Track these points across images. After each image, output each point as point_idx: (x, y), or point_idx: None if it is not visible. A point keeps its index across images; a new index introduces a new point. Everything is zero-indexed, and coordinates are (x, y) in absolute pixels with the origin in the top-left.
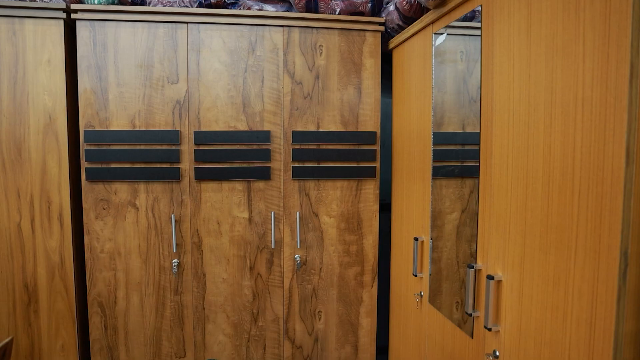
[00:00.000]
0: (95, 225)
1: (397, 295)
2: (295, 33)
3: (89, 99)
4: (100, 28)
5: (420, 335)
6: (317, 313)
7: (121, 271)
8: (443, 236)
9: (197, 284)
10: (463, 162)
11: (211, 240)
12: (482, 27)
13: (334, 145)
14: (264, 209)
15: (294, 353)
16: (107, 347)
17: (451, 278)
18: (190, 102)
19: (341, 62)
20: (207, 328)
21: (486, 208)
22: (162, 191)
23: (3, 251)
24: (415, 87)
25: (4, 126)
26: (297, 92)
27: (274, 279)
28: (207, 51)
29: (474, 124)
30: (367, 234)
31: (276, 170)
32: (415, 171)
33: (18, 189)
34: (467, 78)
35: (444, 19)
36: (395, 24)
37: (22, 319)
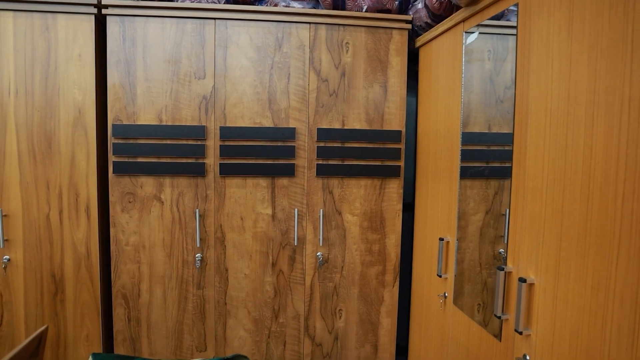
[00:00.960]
0: (121, 218)
1: (418, 295)
2: (322, 30)
3: (118, 93)
4: (130, 23)
5: (444, 336)
6: (337, 311)
7: (145, 264)
8: (466, 237)
9: (219, 278)
10: (488, 162)
11: (234, 235)
12: (518, 26)
13: (359, 143)
14: (288, 205)
15: (313, 350)
16: (129, 338)
17: (473, 280)
18: (216, 97)
19: (367, 60)
20: (228, 323)
21: (518, 210)
22: (187, 186)
23: (32, 241)
24: (442, 86)
25: (36, 119)
26: (323, 90)
27: (295, 276)
28: (234, 47)
29: (499, 124)
30: (390, 233)
31: (300, 168)
32: (441, 171)
33: (47, 181)
34: (494, 77)
35: (476, 17)
36: (423, 22)
37: (49, 308)
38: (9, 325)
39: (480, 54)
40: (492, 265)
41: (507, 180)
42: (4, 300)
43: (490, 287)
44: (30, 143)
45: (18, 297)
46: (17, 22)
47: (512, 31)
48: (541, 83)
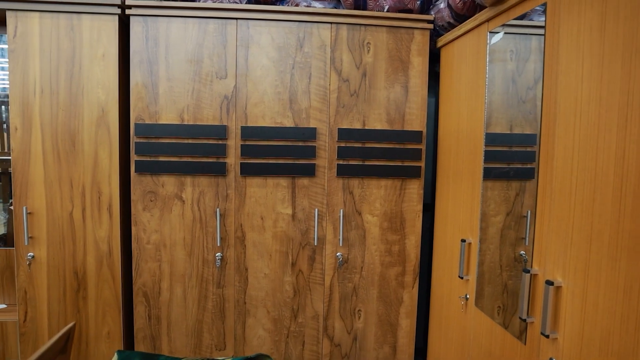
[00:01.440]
0: (142, 217)
1: (438, 296)
2: (344, 30)
3: (140, 92)
4: (153, 23)
5: (465, 338)
6: (356, 312)
7: (166, 262)
8: (487, 239)
9: (239, 278)
10: (510, 164)
11: (254, 235)
12: (546, 26)
13: (379, 143)
14: (308, 205)
15: (332, 351)
16: (150, 336)
17: (494, 282)
18: (237, 97)
19: (388, 60)
20: (248, 322)
21: (545, 211)
22: (207, 185)
23: (56, 239)
24: (465, 87)
25: (60, 118)
26: (344, 90)
27: (315, 276)
28: (256, 47)
29: (522, 125)
30: (410, 234)
31: (321, 168)
32: (463, 172)
33: (71, 179)
34: (518, 78)
35: (502, 16)
36: (445, 22)
37: (71, 305)
38: (33, 321)
39: (505, 54)
40: (512, 267)
41: (528, 181)
42: (28, 296)
43: (511, 289)
44: (54, 142)
45: (41, 293)
46: (43, 22)
47: (538, 31)
48: (570, 83)
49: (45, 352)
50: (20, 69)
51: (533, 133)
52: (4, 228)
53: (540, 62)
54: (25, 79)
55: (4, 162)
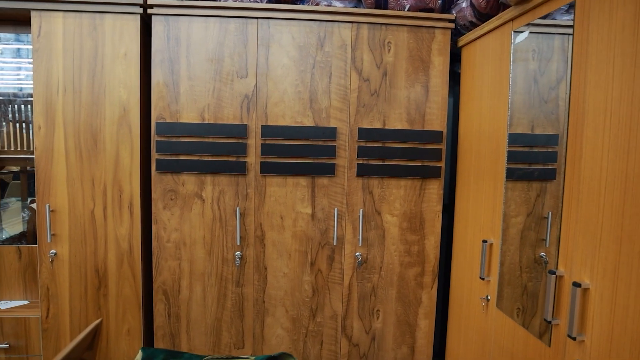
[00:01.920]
0: (162, 215)
1: (458, 297)
2: (364, 29)
3: (161, 91)
4: (174, 23)
5: (485, 340)
6: (375, 312)
7: (186, 261)
8: (507, 240)
9: (258, 277)
10: (531, 164)
11: (274, 234)
12: (575, 24)
13: (399, 143)
14: (327, 205)
15: (350, 351)
16: (169, 334)
17: (514, 283)
18: (258, 96)
19: (409, 60)
20: (266, 321)
21: (572, 212)
22: (227, 184)
23: (77, 236)
24: (487, 87)
25: (82, 117)
26: (364, 89)
27: (334, 276)
28: (276, 46)
29: (543, 125)
30: (429, 234)
31: (341, 167)
32: (485, 172)
33: (93, 177)
34: (539, 78)
35: (527, 15)
36: (467, 21)
37: (92, 302)
38: (55, 317)
39: (528, 54)
40: (532, 268)
41: (549, 182)
42: (50, 293)
43: (531, 291)
44: (77, 140)
45: (63, 290)
46: (67, 22)
47: (563, 30)
48: (600, 83)
49: (74, 348)
50: (44, 68)
51: (555, 133)
52: (23, 226)
53: (564, 61)
54: (48, 78)
55: (22, 160)
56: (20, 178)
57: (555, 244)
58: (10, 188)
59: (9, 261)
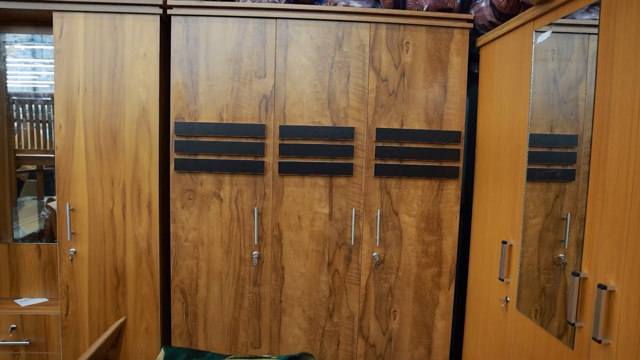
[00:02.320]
0: (181, 215)
1: (475, 299)
2: (382, 29)
3: (180, 91)
4: (194, 23)
5: (504, 342)
6: (392, 312)
7: (203, 260)
8: (525, 241)
9: (275, 276)
10: (550, 165)
11: (291, 234)
12: (600, 24)
13: (417, 143)
14: (345, 205)
15: (367, 351)
16: (187, 332)
17: (533, 284)
18: (276, 96)
19: (427, 60)
20: (283, 321)
21: (596, 213)
22: (245, 184)
23: (97, 235)
24: (507, 87)
25: (102, 117)
26: (382, 89)
27: (351, 276)
28: (295, 46)
29: (562, 125)
30: (447, 235)
31: (358, 167)
32: (504, 173)
33: (112, 176)
34: (558, 78)
35: (549, 15)
36: (486, 21)
37: (111, 301)
38: (74, 315)
39: (547, 54)
40: (551, 270)
41: (568, 183)
42: (69, 291)
43: (549, 292)
44: (96, 140)
45: (82, 288)
46: (88, 22)
47: (584, 30)
48: (627, 83)
49: (101, 346)
50: (65, 69)
51: (574, 134)
52: (39, 224)
53: (584, 61)
54: (69, 78)
55: (39, 159)
56: (36, 177)
57: (574, 245)
58: (26, 187)
59: (29, 259)
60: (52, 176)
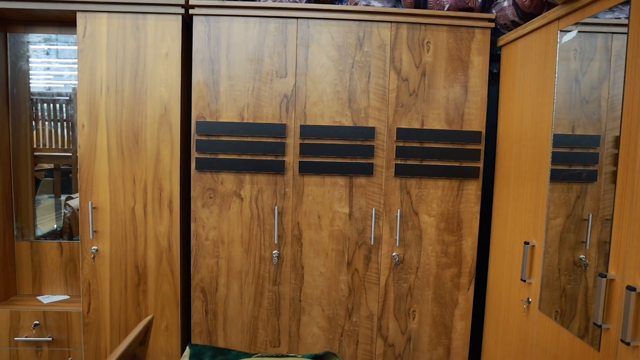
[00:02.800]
0: (201, 214)
1: (495, 299)
2: (403, 29)
3: (202, 91)
4: (215, 23)
5: (526, 343)
6: (411, 312)
7: (223, 259)
8: (545, 241)
9: (295, 276)
10: (571, 165)
11: (311, 233)
12: (630, 23)
13: (438, 143)
14: (365, 205)
15: (385, 351)
16: (206, 331)
17: (555, 285)
18: (297, 96)
19: (448, 59)
20: (302, 320)
21: (624, 214)
22: (266, 183)
23: (118, 233)
24: (530, 87)
25: (125, 116)
26: (403, 89)
27: (370, 276)
28: (316, 46)
29: (584, 126)
30: (467, 235)
31: (378, 167)
32: (526, 173)
33: (134, 175)
34: (580, 77)
35: (576, 14)
36: (508, 20)
37: (132, 298)
38: (95, 312)
39: (572, 53)
40: (571, 271)
41: (590, 184)
42: (91, 288)
43: (570, 293)
44: (119, 139)
45: (104, 286)
46: (110, 22)
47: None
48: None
49: (131, 343)
50: (88, 68)
51: (597, 134)
52: (56, 222)
53: (607, 61)
54: (92, 78)
55: (56, 158)
56: (53, 175)
57: (595, 246)
58: (42, 185)
59: (50, 257)
60: (67, 175)
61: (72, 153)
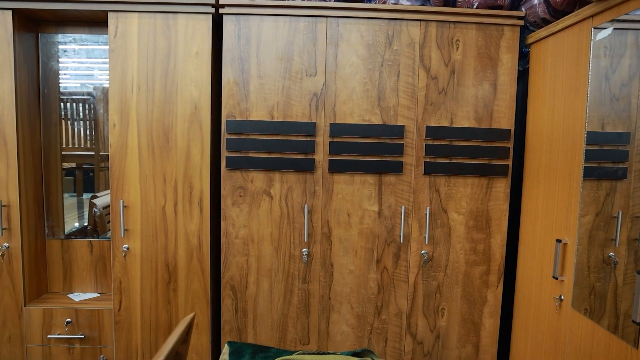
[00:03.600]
0: (231, 212)
1: (525, 297)
2: (432, 27)
3: (232, 90)
4: (245, 22)
5: (558, 340)
6: (440, 310)
7: (253, 257)
8: (581, 239)
9: (324, 273)
10: (600, 162)
11: (340, 231)
12: None
13: (467, 141)
14: (394, 203)
15: (414, 348)
16: (236, 328)
17: (588, 283)
18: (326, 94)
19: (477, 57)
20: (332, 317)
21: None
22: (295, 181)
23: (149, 232)
24: (562, 84)
25: (155, 115)
26: (432, 87)
27: (399, 274)
28: (345, 45)
29: (614, 123)
30: (495, 233)
31: (408, 165)
32: (557, 171)
33: (164, 174)
34: (610, 75)
35: (611, 11)
36: (538, 18)
37: (162, 296)
38: (127, 310)
39: (604, 50)
40: (601, 268)
41: (620, 181)
42: (122, 287)
43: (598, 291)
44: (149, 137)
45: (135, 284)
46: (142, 22)
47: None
48: None
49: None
50: (119, 68)
51: (627, 131)
52: (79, 221)
53: (638, 58)
54: (123, 77)
55: (79, 157)
56: (75, 174)
57: (625, 243)
58: (64, 184)
59: (81, 255)
60: (89, 173)
61: (95, 152)
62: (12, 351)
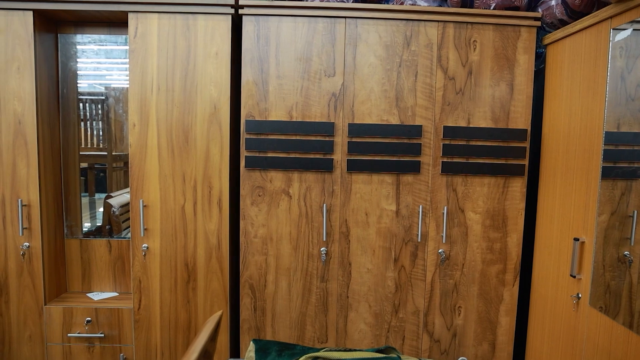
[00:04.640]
0: (250, 211)
1: (541, 295)
2: (450, 28)
3: (251, 90)
4: (264, 23)
5: (576, 338)
6: (457, 308)
7: (272, 256)
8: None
9: (342, 272)
10: (616, 162)
11: (358, 230)
12: None
13: (484, 141)
14: (412, 202)
15: (431, 346)
16: (255, 327)
17: (597, 281)
18: (345, 95)
19: (494, 58)
20: (350, 316)
21: None
22: (314, 181)
23: (168, 231)
24: (579, 85)
25: (175, 115)
26: (450, 88)
27: (417, 272)
28: (364, 45)
29: (630, 123)
30: (512, 232)
31: (425, 165)
32: (574, 170)
33: (184, 173)
34: (626, 75)
35: (631, 12)
36: (555, 19)
37: (182, 295)
38: (146, 309)
39: (620, 51)
40: (616, 267)
41: (635, 180)
42: (142, 286)
43: (613, 289)
44: (169, 137)
45: (154, 283)
46: (161, 23)
47: None
48: None
49: (207, 341)
50: (139, 68)
51: None
52: (91, 221)
53: None
54: (143, 78)
55: (91, 157)
56: (87, 174)
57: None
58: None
59: (99, 254)
60: (100, 173)
61: (108, 152)
62: (33, 350)
